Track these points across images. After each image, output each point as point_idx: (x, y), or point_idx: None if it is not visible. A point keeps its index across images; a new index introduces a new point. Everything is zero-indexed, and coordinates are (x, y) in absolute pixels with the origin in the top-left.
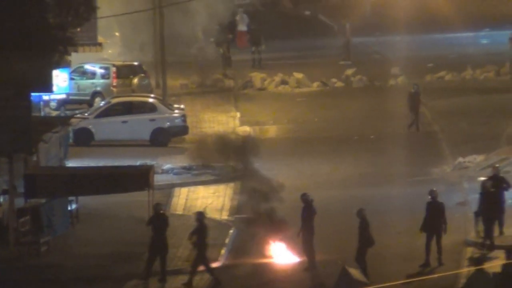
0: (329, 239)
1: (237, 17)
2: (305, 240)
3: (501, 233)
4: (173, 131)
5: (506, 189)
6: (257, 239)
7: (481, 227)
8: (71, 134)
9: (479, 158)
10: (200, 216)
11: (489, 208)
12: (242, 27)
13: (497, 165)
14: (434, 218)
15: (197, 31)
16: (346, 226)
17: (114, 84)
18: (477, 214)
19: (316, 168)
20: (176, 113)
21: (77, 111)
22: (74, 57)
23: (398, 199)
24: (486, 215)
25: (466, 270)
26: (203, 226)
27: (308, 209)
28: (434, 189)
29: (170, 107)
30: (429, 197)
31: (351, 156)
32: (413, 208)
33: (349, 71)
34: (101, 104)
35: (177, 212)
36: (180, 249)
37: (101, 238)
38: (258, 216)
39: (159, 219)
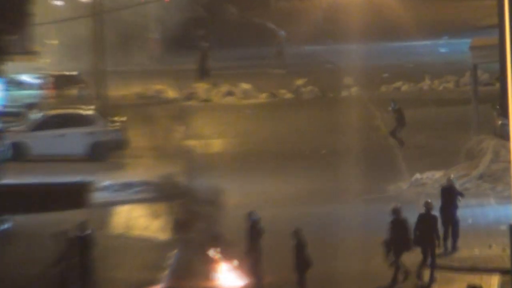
0: (277, 260)
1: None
2: (252, 261)
3: (454, 248)
4: (113, 145)
5: (459, 195)
6: (201, 260)
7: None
8: (8, 148)
9: (438, 174)
10: None
11: (399, 237)
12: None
13: (451, 176)
14: (426, 232)
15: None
16: None
17: (51, 95)
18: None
19: (265, 184)
20: (116, 126)
21: (12, 124)
22: (9, 67)
23: (351, 218)
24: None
25: None
26: None
27: (255, 228)
28: (429, 200)
29: (110, 120)
30: (424, 208)
31: (301, 172)
32: (366, 227)
33: (300, 82)
34: (38, 117)
35: (117, 232)
36: (120, 271)
37: (27, 257)
38: (202, 236)
39: (84, 240)
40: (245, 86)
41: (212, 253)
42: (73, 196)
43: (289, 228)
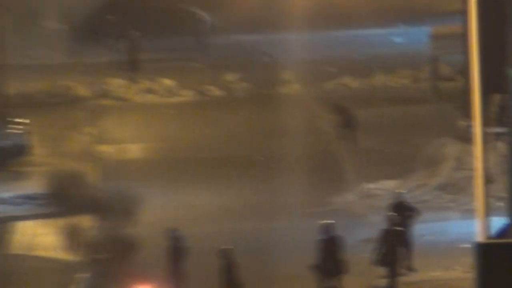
0: (204, 285)
1: None
2: (175, 286)
3: (410, 268)
4: (12, 151)
5: (410, 216)
6: (115, 284)
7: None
8: None
9: (391, 184)
10: None
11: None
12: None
13: (401, 191)
14: (391, 251)
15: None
16: None
17: None
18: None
19: (191, 197)
20: (18, 130)
21: None
22: None
23: (290, 235)
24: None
25: None
26: None
27: (177, 248)
28: (390, 213)
29: (9, 122)
30: (388, 222)
31: (234, 182)
32: (307, 246)
33: (231, 77)
34: None
35: (18, 252)
36: None
37: None
38: (117, 256)
39: None
40: (168, 82)
41: (128, 277)
42: None
43: (219, 248)
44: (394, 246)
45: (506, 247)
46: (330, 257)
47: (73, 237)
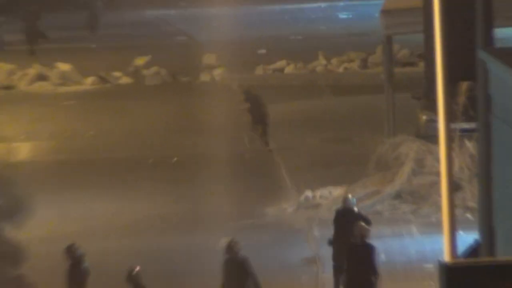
0: None
1: None
2: None
3: None
4: None
5: (361, 221)
6: None
7: None
8: None
9: (337, 191)
10: None
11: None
12: None
13: (349, 196)
14: (361, 270)
15: None
16: None
17: None
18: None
19: (91, 206)
20: None
21: None
22: None
23: (210, 254)
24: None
25: None
26: None
27: (76, 268)
28: (363, 223)
29: None
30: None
31: (144, 188)
32: None
33: (140, 61)
34: None
35: None
36: None
37: None
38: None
39: None
40: (63, 67)
41: None
42: None
43: (125, 268)
44: (367, 264)
45: (477, 269)
46: (236, 281)
47: None
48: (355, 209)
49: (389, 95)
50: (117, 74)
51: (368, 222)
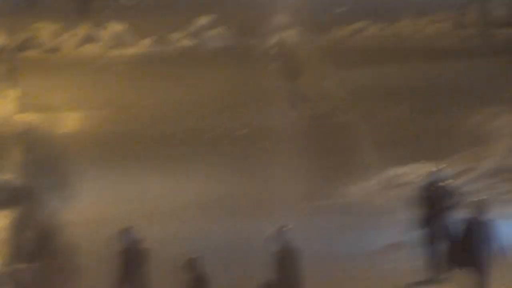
0: None
1: None
2: None
3: None
4: None
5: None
6: None
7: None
8: None
9: (424, 168)
10: None
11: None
12: None
13: (436, 169)
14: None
15: None
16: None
17: None
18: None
19: (146, 184)
20: None
21: None
22: None
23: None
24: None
25: None
26: None
27: (132, 254)
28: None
29: None
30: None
31: (205, 164)
32: (310, 253)
33: (203, 20)
34: None
35: None
36: None
37: None
38: (48, 264)
39: None
40: (117, 26)
41: None
42: None
43: (183, 254)
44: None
45: None
46: (286, 273)
47: None
48: (444, 183)
49: (484, 60)
50: (176, 35)
51: (459, 197)
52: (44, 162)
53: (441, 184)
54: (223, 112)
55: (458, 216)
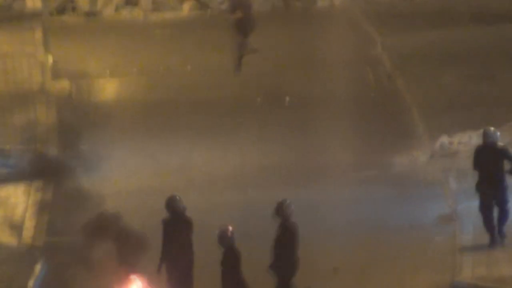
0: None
1: None
2: (178, 275)
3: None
4: None
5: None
6: (87, 275)
7: None
8: None
9: (477, 137)
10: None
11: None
12: None
13: (490, 129)
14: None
15: None
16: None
17: None
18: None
19: (189, 154)
20: None
21: None
22: None
23: (334, 211)
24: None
25: None
26: None
27: (179, 221)
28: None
29: None
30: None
31: (250, 134)
32: (359, 227)
33: None
34: None
35: None
36: None
37: None
38: (90, 236)
39: None
40: None
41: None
42: None
43: (237, 222)
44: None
45: None
46: (287, 255)
47: (21, 210)
48: (499, 144)
49: None
50: None
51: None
52: (80, 131)
53: (495, 144)
54: (268, 79)
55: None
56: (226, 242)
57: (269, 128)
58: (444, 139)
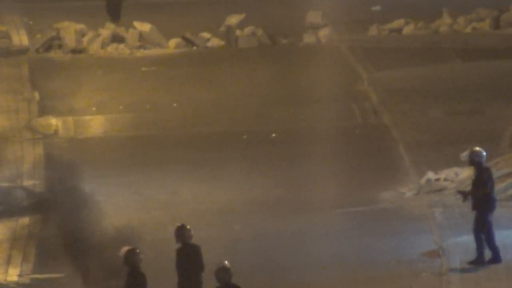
0: None
1: None
2: None
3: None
4: None
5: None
6: None
7: None
8: None
9: (464, 173)
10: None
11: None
12: None
13: (476, 148)
14: None
15: None
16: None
17: None
18: None
19: (176, 190)
20: None
21: None
22: None
23: (320, 245)
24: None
25: None
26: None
27: (189, 249)
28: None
29: None
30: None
31: (237, 169)
32: (345, 262)
33: (233, 19)
34: None
35: None
36: None
37: None
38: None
39: None
40: (143, 26)
41: None
42: None
43: (214, 261)
44: None
45: None
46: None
47: (7, 247)
48: (485, 164)
49: None
50: (205, 35)
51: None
52: (66, 167)
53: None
54: (254, 114)
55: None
56: (223, 278)
57: (256, 164)
58: (431, 174)
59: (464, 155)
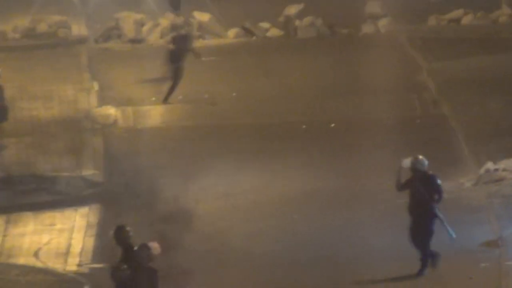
0: None
1: None
2: None
3: None
4: None
5: None
6: None
7: None
8: None
9: None
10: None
11: None
12: None
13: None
14: None
15: None
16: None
17: None
18: None
19: (234, 181)
20: None
21: None
22: None
23: (379, 236)
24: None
25: None
26: None
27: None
28: None
29: None
30: None
31: (295, 160)
32: (404, 252)
33: (292, 9)
34: None
35: None
36: None
37: None
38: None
39: None
40: (202, 16)
41: None
42: None
43: (270, 251)
44: None
45: None
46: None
47: (67, 237)
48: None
49: None
50: (264, 25)
51: None
52: (125, 157)
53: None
54: (313, 104)
55: None
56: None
57: (315, 154)
58: (490, 165)
59: None
